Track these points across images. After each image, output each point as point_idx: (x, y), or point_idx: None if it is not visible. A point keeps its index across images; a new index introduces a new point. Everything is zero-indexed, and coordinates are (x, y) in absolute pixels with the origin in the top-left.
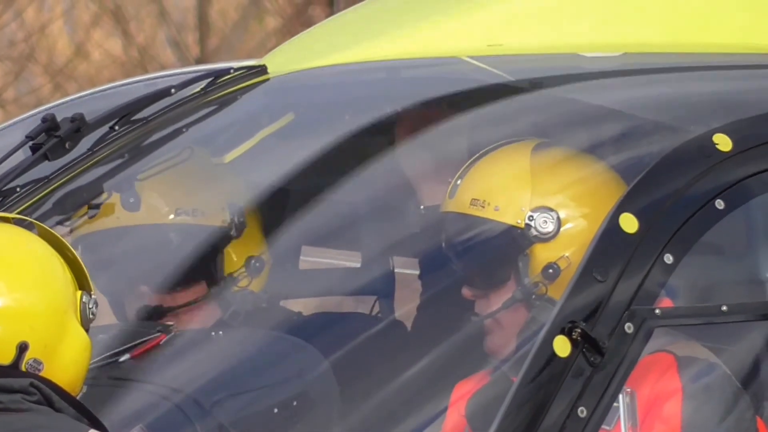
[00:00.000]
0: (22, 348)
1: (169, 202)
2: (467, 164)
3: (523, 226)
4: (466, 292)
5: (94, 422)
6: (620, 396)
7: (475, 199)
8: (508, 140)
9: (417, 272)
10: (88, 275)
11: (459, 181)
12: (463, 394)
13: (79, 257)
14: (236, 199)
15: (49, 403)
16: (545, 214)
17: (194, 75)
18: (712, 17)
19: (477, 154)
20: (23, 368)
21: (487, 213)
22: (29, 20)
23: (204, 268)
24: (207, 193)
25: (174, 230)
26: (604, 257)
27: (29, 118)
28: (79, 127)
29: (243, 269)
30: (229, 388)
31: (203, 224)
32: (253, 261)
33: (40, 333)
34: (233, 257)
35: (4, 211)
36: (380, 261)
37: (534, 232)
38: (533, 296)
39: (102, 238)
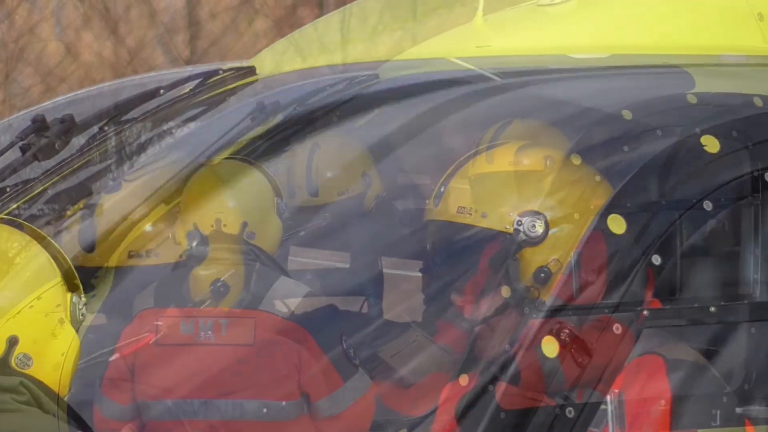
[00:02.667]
0: (12, 342)
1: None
2: (450, 170)
3: (512, 231)
4: (455, 298)
5: (83, 425)
6: (608, 397)
7: (461, 207)
8: (489, 144)
9: (405, 273)
10: (78, 278)
11: (443, 189)
12: (452, 395)
13: (69, 260)
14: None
15: (38, 404)
16: (533, 218)
17: (183, 76)
18: (699, 20)
19: (459, 160)
20: (13, 363)
21: (475, 220)
22: (19, 21)
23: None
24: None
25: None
26: (592, 258)
27: (19, 118)
28: (68, 127)
29: (208, 293)
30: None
31: None
32: (218, 284)
33: (29, 329)
34: (200, 282)
35: None
36: (369, 262)
37: (523, 237)
38: (526, 300)
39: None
